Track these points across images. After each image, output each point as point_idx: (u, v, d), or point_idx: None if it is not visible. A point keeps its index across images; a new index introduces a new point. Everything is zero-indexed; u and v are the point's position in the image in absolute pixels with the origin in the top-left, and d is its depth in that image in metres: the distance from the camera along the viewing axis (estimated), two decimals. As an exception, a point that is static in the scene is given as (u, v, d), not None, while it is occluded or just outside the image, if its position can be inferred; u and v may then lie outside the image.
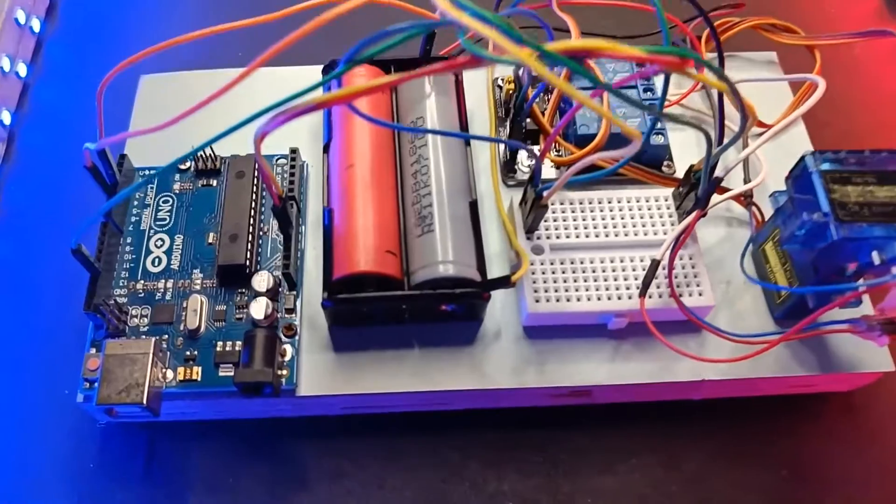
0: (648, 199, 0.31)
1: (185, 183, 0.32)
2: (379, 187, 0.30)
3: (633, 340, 0.30)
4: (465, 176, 0.30)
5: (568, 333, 0.30)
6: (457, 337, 0.30)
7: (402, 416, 0.31)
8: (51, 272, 0.34)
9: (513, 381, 0.29)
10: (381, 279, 0.28)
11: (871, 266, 0.25)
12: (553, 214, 0.31)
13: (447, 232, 0.28)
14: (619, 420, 0.31)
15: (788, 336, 0.28)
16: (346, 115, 0.31)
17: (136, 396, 0.26)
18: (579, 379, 0.29)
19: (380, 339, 0.30)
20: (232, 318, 0.29)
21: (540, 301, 0.29)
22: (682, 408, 0.31)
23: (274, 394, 0.28)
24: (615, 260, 0.30)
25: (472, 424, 0.31)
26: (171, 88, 0.36)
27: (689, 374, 0.29)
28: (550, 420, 0.31)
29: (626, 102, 0.25)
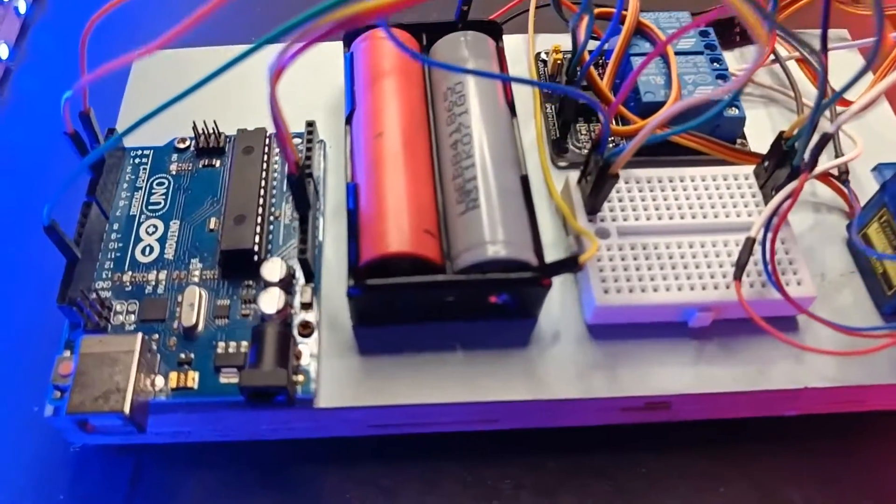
0: (727, 176, 0.26)
1: (183, 163, 0.28)
2: (413, 159, 0.25)
3: (718, 341, 0.25)
4: (513, 148, 0.26)
5: (640, 333, 0.25)
6: (507, 338, 0.25)
7: (441, 438, 0.25)
8: (17, 273, 0.29)
9: (578, 390, 0.24)
10: (418, 263, 0.23)
11: None
12: (617, 194, 0.26)
13: (495, 208, 0.24)
14: (700, 441, 0.26)
15: None
16: (372, 81, 0.27)
17: (115, 404, 0.21)
18: (658, 387, 0.24)
19: (415, 341, 0.25)
20: (237, 315, 0.24)
21: (609, 292, 0.24)
22: (773, 426, 0.26)
23: (288, 403, 0.23)
24: (695, 245, 0.25)
25: (525, 447, 0.26)
26: (165, 66, 0.31)
27: (789, 381, 0.24)
28: (619, 441, 0.26)
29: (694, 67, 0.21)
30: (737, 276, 0.23)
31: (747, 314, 0.23)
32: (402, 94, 0.26)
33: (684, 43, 0.28)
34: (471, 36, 0.28)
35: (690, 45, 0.28)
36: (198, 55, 0.32)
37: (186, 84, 0.20)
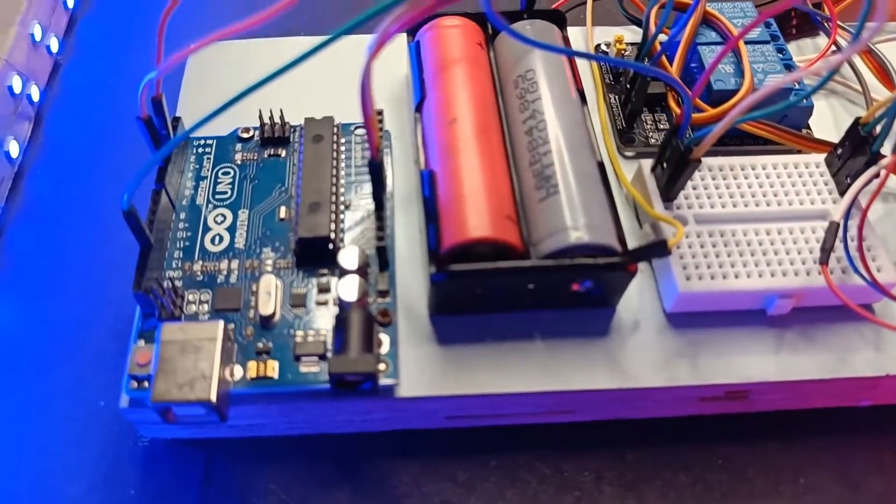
0: (798, 165, 0.26)
1: (248, 153, 0.28)
2: (488, 145, 0.25)
3: (797, 329, 0.25)
4: (587, 134, 0.26)
5: (721, 322, 0.25)
6: (587, 327, 0.24)
7: (518, 431, 0.25)
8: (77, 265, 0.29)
9: (661, 378, 0.24)
10: (500, 249, 0.23)
11: None
12: (691, 182, 0.26)
13: (575, 193, 0.24)
14: (777, 431, 0.26)
15: None
16: (441, 69, 0.27)
17: (201, 392, 0.21)
18: (739, 375, 0.24)
19: (493, 330, 0.24)
20: (312, 303, 0.24)
21: (692, 279, 0.24)
22: (848, 416, 0.26)
23: (373, 391, 0.22)
24: (772, 232, 0.25)
25: (604, 439, 0.25)
26: (222, 58, 0.31)
27: (871, 369, 0.24)
28: (696, 432, 0.25)
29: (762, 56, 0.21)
30: (823, 260, 0.23)
31: (833, 299, 0.23)
32: (473, 82, 0.26)
33: (750, 33, 0.28)
34: (537, 24, 0.28)
35: (756, 34, 0.28)
36: (253, 46, 0.31)
37: (245, 74, 0.20)
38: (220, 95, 0.21)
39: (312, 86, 0.29)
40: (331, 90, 0.28)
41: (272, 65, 0.21)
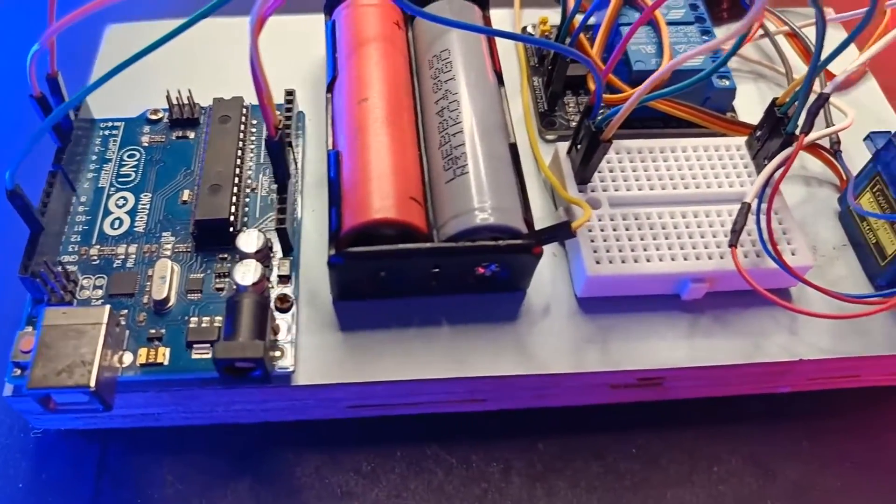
0: (719, 147, 0.26)
1: (156, 135, 0.27)
2: (398, 126, 0.24)
3: (712, 314, 0.24)
4: (501, 115, 0.25)
5: (633, 307, 0.24)
6: (496, 312, 0.24)
7: (425, 420, 0.24)
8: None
9: (568, 364, 0.23)
10: (404, 231, 0.22)
11: None
12: (608, 165, 0.25)
13: (484, 175, 0.23)
14: (693, 420, 0.25)
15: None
16: (355, 48, 0.26)
17: (80, 377, 0.20)
18: (651, 361, 0.23)
19: (398, 316, 0.24)
20: (210, 289, 0.23)
21: (601, 262, 0.23)
22: (767, 403, 0.26)
23: (264, 379, 0.21)
24: (688, 215, 0.24)
25: (514, 429, 0.25)
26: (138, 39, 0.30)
27: (784, 354, 0.24)
28: (610, 421, 0.25)
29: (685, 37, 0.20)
30: (732, 242, 0.23)
31: (743, 282, 0.23)
32: (387, 60, 0.25)
33: (674, 14, 0.28)
34: (457, 4, 0.27)
35: (680, 15, 0.28)
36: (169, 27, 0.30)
37: (158, 57, 0.19)
38: (132, 78, 0.21)
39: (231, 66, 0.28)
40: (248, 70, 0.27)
41: (188, 46, 0.20)
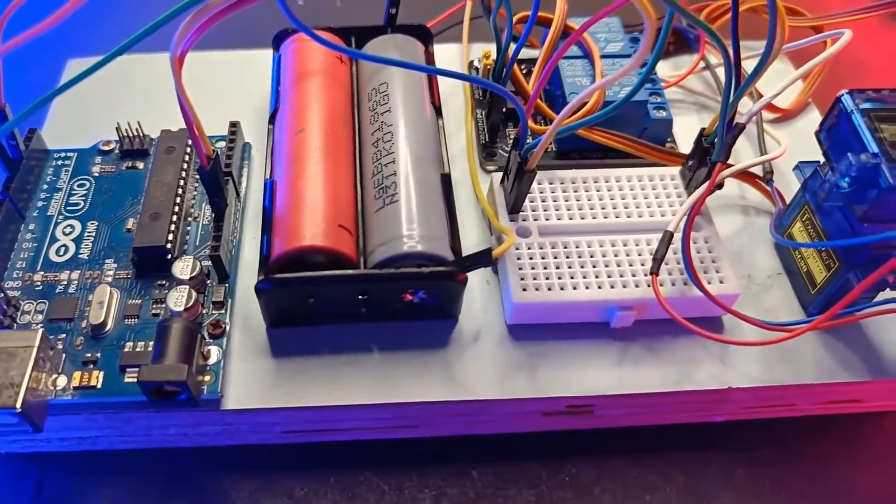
0: (652, 177, 0.26)
1: (107, 165, 0.28)
2: (333, 156, 0.25)
3: (642, 342, 0.24)
4: (436, 147, 0.26)
5: (562, 334, 0.24)
6: (426, 339, 0.24)
7: (359, 446, 0.25)
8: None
9: (496, 391, 0.23)
10: (333, 259, 0.23)
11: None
12: (542, 195, 0.26)
13: (413, 204, 0.23)
14: (627, 448, 0.25)
15: (827, 319, 0.22)
16: (297, 80, 0.27)
17: (7, 399, 0.20)
18: (579, 388, 0.23)
19: (330, 342, 0.24)
20: (147, 315, 0.24)
21: (528, 290, 0.23)
22: (702, 432, 0.26)
23: (192, 403, 0.22)
24: (617, 244, 0.25)
25: (448, 456, 0.25)
26: (98, 72, 0.31)
27: (713, 382, 0.24)
28: (544, 449, 0.25)
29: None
30: (653, 270, 0.23)
31: (665, 311, 0.23)
32: (326, 93, 0.26)
33: (612, 47, 0.28)
34: (399, 39, 0.28)
35: (618, 48, 0.28)
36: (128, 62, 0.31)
37: (115, 90, 0.20)
38: (92, 110, 0.21)
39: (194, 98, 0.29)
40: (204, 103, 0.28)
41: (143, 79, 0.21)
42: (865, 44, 0.38)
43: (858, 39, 0.32)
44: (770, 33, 0.20)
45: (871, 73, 0.36)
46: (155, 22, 0.18)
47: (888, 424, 0.26)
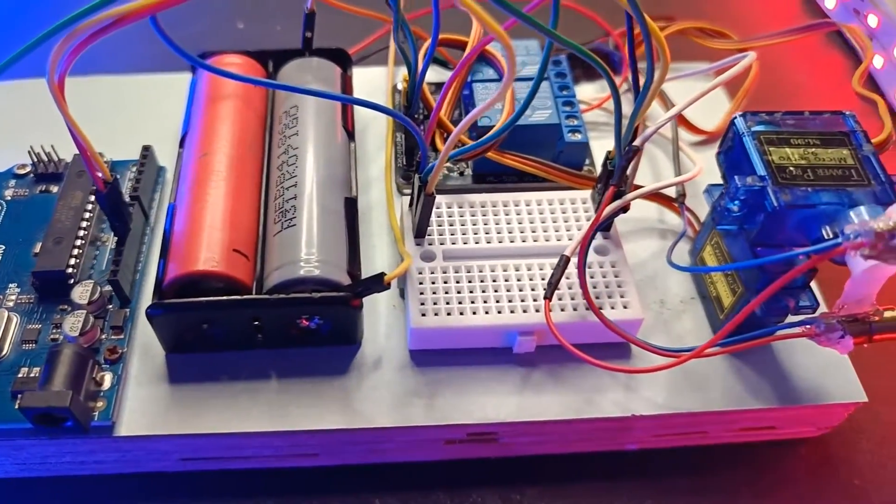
0: (563, 201, 0.26)
1: (20, 189, 0.27)
2: (237, 179, 0.25)
3: (545, 368, 0.24)
4: (345, 170, 0.26)
5: (465, 360, 0.24)
6: (326, 365, 0.24)
7: (259, 475, 0.24)
8: None
9: (394, 419, 0.23)
10: (228, 284, 0.23)
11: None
12: (450, 218, 0.26)
13: (313, 227, 0.23)
14: (534, 477, 0.25)
15: (709, 346, 0.22)
16: (208, 104, 0.27)
17: None
18: (479, 416, 0.23)
19: (228, 369, 0.24)
20: (46, 340, 0.24)
21: (427, 315, 0.23)
22: (612, 461, 0.25)
23: (79, 430, 0.21)
24: (521, 268, 0.24)
25: (349, 485, 0.24)
26: (15, 97, 0.31)
27: (617, 409, 0.23)
28: (449, 478, 0.24)
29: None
30: (546, 295, 0.22)
31: (576, 336, 0.23)
32: (236, 117, 0.26)
33: (529, 70, 0.28)
34: (315, 63, 0.28)
35: (534, 71, 0.28)
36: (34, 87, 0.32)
37: (33, 113, 0.20)
38: (9, 133, 0.21)
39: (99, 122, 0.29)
40: (124, 127, 0.28)
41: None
42: (804, 65, 0.37)
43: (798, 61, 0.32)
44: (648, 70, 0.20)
45: (808, 94, 0.36)
46: (23, 48, 0.18)
47: (804, 452, 0.26)
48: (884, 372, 0.28)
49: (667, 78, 0.30)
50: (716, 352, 0.22)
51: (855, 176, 0.20)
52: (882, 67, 0.36)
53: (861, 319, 0.20)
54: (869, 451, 0.26)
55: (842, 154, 0.20)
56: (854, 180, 0.20)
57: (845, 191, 0.20)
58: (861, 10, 0.37)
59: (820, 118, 0.21)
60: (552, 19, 0.20)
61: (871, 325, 0.20)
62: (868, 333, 0.20)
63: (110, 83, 0.32)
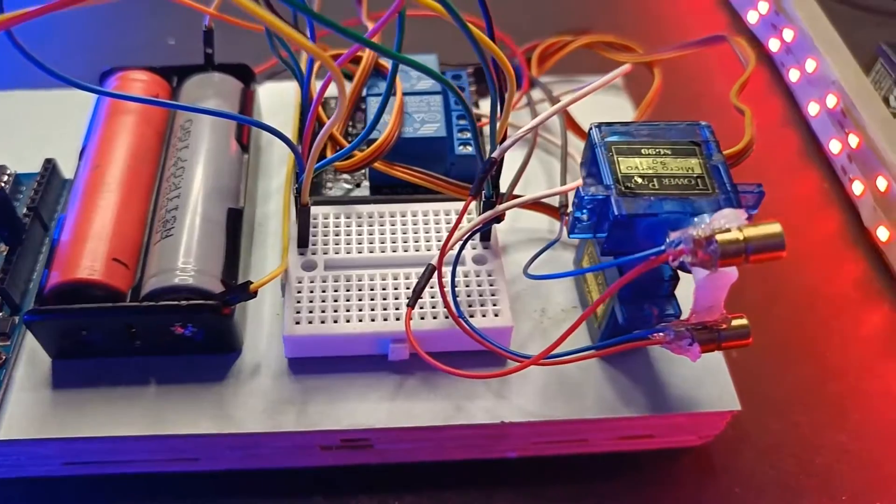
0: (448, 212, 0.26)
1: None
2: (127, 191, 0.25)
3: (420, 375, 0.24)
4: (234, 182, 0.26)
5: (341, 368, 0.24)
6: (204, 373, 0.24)
7: (142, 479, 0.25)
8: None
9: (265, 424, 0.23)
10: (107, 292, 0.23)
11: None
12: (336, 228, 0.26)
13: (193, 237, 0.24)
14: (412, 484, 0.25)
15: (546, 354, 0.22)
16: (107, 118, 0.27)
17: None
18: (350, 422, 0.23)
19: (111, 375, 0.24)
20: (-67, 347, 0.24)
21: (301, 323, 0.24)
22: (491, 469, 0.25)
23: (-50, 433, 0.22)
24: (399, 277, 0.25)
25: (230, 489, 0.25)
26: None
27: (487, 416, 0.23)
28: (329, 484, 0.25)
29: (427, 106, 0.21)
30: (410, 303, 0.23)
31: (448, 343, 0.23)
32: (132, 130, 0.27)
33: (423, 84, 0.29)
34: (216, 78, 0.29)
35: (428, 86, 0.29)
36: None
37: None
38: None
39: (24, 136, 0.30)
40: (32, 141, 0.29)
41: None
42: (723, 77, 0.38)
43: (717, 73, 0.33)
44: (491, 87, 0.20)
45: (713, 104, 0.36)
46: None
47: (687, 460, 0.26)
48: (771, 380, 0.28)
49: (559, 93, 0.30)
50: (560, 361, 0.22)
51: (700, 185, 0.20)
52: (797, 81, 0.36)
53: (710, 327, 0.21)
54: (752, 459, 0.26)
55: (690, 164, 0.21)
56: (699, 189, 0.20)
57: (688, 200, 0.20)
58: (777, 25, 0.37)
59: (675, 128, 0.22)
60: (396, 40, 0.20)
61: (720, 334, 0.21)
62: (716, 341, 0.21)
63: (23, 98, 0.33)
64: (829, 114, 0.34)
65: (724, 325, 0.21)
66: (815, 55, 0.34)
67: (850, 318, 0.30)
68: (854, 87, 0.33)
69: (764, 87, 0.38)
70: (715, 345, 0.21)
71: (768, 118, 0.37)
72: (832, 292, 0.31)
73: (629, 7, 0.43)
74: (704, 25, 0.42)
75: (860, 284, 0.31)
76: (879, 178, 0.30)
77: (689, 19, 0.42)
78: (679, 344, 0.21)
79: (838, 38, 0.35)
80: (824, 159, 0.35)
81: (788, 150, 0.36)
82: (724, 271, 0.19)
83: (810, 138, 0.36)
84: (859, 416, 0.27)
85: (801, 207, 0.34)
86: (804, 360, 0.29)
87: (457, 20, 0.18)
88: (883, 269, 0.31)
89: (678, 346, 0.21)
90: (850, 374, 0.28)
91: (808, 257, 0.32)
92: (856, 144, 0.32)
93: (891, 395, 0.28)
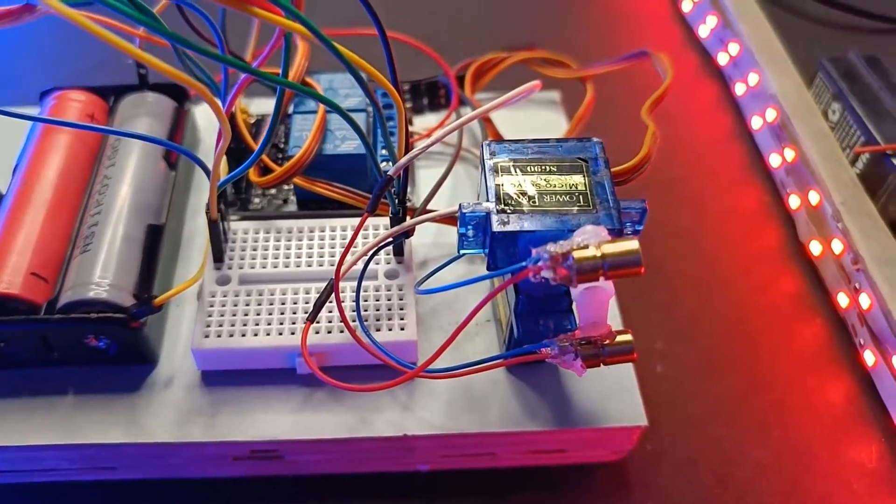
0: (366, 227, 0.27)
1: None
2: (53, 208, 0.26)
3: (328, 389, 0.25)
4: (157, 199, 0.27)
5: (253, 381, 0.25)
6: (119, 383, 0.25)
7: (64, 487, 0.25)
8: None
9: (174, 434, 0.24)
10: (26, 305, 0.24)
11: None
12: (254, 243, 0.27)
13: (112, 253, 0.25)
14: (323, 496, 0.25)
15: (425, 367, 0.22)
16: (42, 134, 0.28)
17: None
18: (256, 433, 0.24)
19: (31, 385, 0.25)
20: None
21: (209, 337, 0.24)
22: (402, 482, 0.25)
23: None
24: (311, 291, 0.25)
25: (146, 497, 0.25)
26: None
27: (391, 429, 0.24)
28: (244, 496, 0.25)
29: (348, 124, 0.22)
30: (309, 317, 0.23)
31: (358, 357, 0.24)
32: (66, 149, 0.28)
33: (350, 102, 0.29)
34: (150, 97, 0.30)
35: (355, 103, 0.29)
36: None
37: None
38: None
39: None
40: None
41: None
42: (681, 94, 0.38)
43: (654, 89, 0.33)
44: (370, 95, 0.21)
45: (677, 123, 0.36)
46: None
47: (601, 475, 0.26)
48: (696, 394, 0.28)
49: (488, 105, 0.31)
50: (447, 375, 0.23)
51: (581, 202, 0.21)
52: (743, 95, 0.36)
53: (594, 342, 0.21)
54: (668, 474, 0.26)
55: (574, 181, 0.21)
56: (580, 206, 0.21)
57: (566, 217, 0.20)
58: (724, 39, 0.37)
59: (564, 145, 0.22)
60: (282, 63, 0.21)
61: (603, 349, 0.21)
62: (600, 356, 0.21)
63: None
64: (769, 127, 0.34)
65: (607, 341, 0.21)
66: (756, 69, 0.34)
67: (780, 331, 0.30)
68: (793, 100, 0.32)
69: (714, 101, 0.38)
70: (599, 360, 0.21)
71: (716, 132, 0.37)
72: (765, 306, 0.31)
73: (587, 23, 0.44)
74: (658, 40, 0.42)
75: (794, 298, 0.31)
76: (811, 191, 0.30)
77: (644, 34, 0.42)
78: (563, 359, 0.21)
79: (783, 51, 0.35)
80: (767, 173, 0.35)
81: (733, 164, 0.36)
82: (600, 287, 0.20)
83: (755, 152, 0.36)
84: (780, 431, 0.27)
85: (742, 221, 0.33)
86: (731, 374, 0.29)
87: (322, 41, 0.19)
88: (817, 284, 0.31)
89: (563, 361, 0.21)
90: (776, 389, 0.28)
91: (744, 271, 0.32)
92: (791, 158, 0.32)
93: (813, 410, 0.27)
